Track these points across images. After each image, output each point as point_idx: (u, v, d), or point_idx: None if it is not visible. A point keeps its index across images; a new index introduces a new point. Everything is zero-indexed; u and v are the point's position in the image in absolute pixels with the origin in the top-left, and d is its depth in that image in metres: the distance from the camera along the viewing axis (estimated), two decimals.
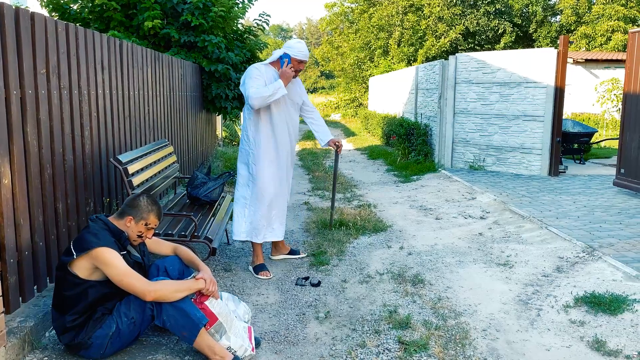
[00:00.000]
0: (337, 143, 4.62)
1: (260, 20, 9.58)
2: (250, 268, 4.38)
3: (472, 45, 26.72)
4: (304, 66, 4.26)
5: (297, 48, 4.15)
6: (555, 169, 8.58)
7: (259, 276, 4.25)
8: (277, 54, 4.23)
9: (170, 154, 5.32)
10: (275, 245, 4.66)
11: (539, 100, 8.57)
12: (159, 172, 4.76)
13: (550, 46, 24.46)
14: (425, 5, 26.18)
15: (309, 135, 18.05)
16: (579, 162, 10.19)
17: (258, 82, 4.07)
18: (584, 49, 24.65)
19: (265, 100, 4.03)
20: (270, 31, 68.67)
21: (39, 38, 3.18)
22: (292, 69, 4.15)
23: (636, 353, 2.96)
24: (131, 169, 4.01)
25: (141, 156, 4.41)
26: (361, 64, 28.00)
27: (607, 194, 7.08)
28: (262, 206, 4.29)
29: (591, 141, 10.47)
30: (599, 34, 24.44)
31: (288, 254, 4.70)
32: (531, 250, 4.81)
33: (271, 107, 4.19)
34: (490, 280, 4.17)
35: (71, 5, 7.96)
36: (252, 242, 4.38)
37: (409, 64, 24.99)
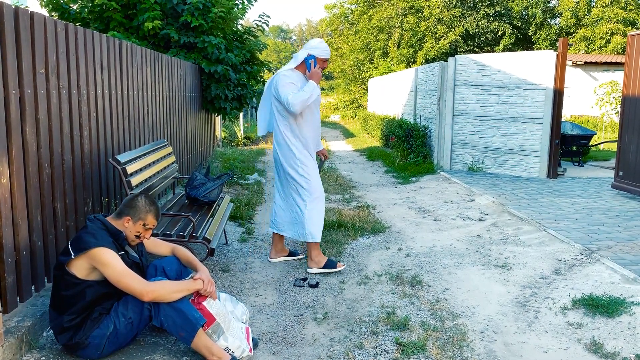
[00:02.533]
0: (324, 154, 4.81)
1: (260, 21, 9.60)
2: (318, 270, 4.32)
3: (472, 47, 26.76)
4: (327, 64, 4.36)
5: (321, 48, 4.27)
6: (553, 172, 8.59)
7: (338, 268, 4.32)
8: (300, 56, 4.27)
9: (169, 154, 5.32)
10: (275, 247, 4.66)
11: (538, 102, 8.58)
12: (158, 172, 4.76)
13: (550, 48, 24.50)
14: (425, 7, 26.22)
15: None
16: (577, 164, 10.20)
17: (291, 88, 4.14)
18: (583, 51, 24.68)
19: (305, 103, 4.12)
20: (270, 32, 68.75)
21: (38, 38, 3.18)
22: (319, 68, 4.26)
23: (633, 355, 2.97)
24: (130, 169, 4.01)
25: (140, 156, 4.41)
26: (360, 66, 28.02)
27: (606, 196, 7.08)
28: (320, 203, 4.37)
29: (590, 144, 10.48)
30: (599, 37, 24.48)
31: (287, 255, 4.70)
32: (529, 252, 4.81)
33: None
34: (488, 282, 4.17)
35: (71, 5, 7.96)
36: (310, 243, 4.34)
37: (408, 65, 25.02)
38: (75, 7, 7.99)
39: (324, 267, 4.33)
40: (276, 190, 4.57)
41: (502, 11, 27.00)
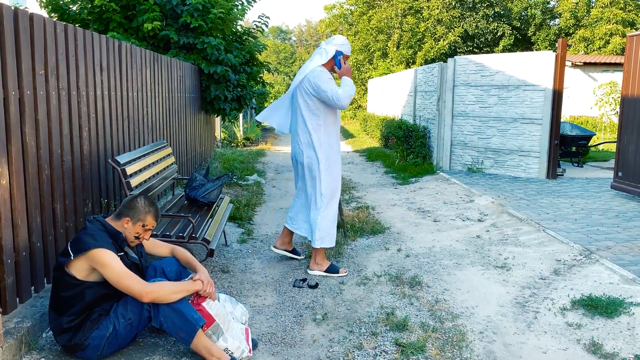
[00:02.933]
0: None
1: (259, 22, 9.60)
2: (319, 273, 4.32)
3: (471, 48, 26.78)
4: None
5: (347, 45, 4.35)
6: (553, 172, 8.59)
7: (340, 274, 4.31)
8: (330, 52, 4.27)
9: (169, 155, 5.32)
10: (282, 238, 4.63)
11: (537, 103, 8.59)
12: (157, 173, 4.76)
13: (549, 49, 24.53)
14: (424, 7, 26.24)
15: None
16: (576, 165, 10.21)
17: (334, 83, 4.19)
18: (583, 52, 24.71)
19: (350, 99, 4.20)
20: (269, 33, 68.79)
21: (38, 39, 3.18)
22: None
23: (632, 356, 2.97)
24: (129, 170, 4.01)
25: (139, 157, 4.41)
26: (360, 66, 28.03)
27: (605, 197, 7.09)
28: (333, 211, 4.38)
29: (589, 144, 10.48)
30: (598, 37, 24.51)
31: (290, 252, 4.67)
32: (529, 253, 4.82)
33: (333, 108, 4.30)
34: (488, 282, 4.18)
35: (70, 6, 7.96)
36: (318, 248, 4.34)
37: (407, 66, 25.05)
38: (74, 8, 7.99)
39: (326, 271, 4.33)
40: (296, 188, 4.55)
41: (502, 12, 27.02)
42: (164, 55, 6.87)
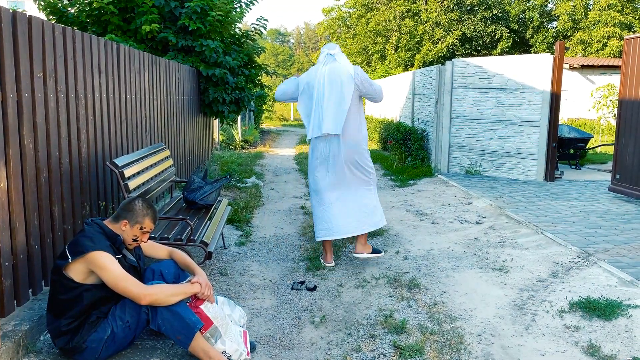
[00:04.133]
0: None
1: (257, 24, 9.60)
2: (368, 255, 4.58)
3: (469, 51, 26.86)
4: None
5: None
6: (551, 175, 8.61)
7: (381, 255, 4.64)
8: (343, 55, 4.57)
9: (167, 157, 5.32)
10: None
11: (535, 105, 8.61)
12: (155, 175, 4.76)
13: (547, 52, 24.60)
14: (423, 10, 26.31)
15: (305, 140, 18.04)
16: (574, 167, 10.23)
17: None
18: (580, 54, 24.79)
19: None
20: (267, 35, 68.83)
21: (36, 41, 3.18)
22: None
23: (630, 358, 2.98)
24: (127, 172, 4.01)
25: (137, 160, 4.41)
26: None
27: (603, 199, 7.10)
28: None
29: (587, 147, 10.51)
30: (595, 40, 24.61)
31: (372, 252, 4.67)
32: (527, 255, 4.82)
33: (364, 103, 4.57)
34: (486, 285, 4.18)
35: (69, 9, 7.96)
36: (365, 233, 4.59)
37: (406, 69, 25.11)
38: (73, 11, 7.99)
39: (372, 252, 4.58)
40: (332, 196, 4.50)
41: (500, 14, 27.11)
42: (162, 57, 6.87)
